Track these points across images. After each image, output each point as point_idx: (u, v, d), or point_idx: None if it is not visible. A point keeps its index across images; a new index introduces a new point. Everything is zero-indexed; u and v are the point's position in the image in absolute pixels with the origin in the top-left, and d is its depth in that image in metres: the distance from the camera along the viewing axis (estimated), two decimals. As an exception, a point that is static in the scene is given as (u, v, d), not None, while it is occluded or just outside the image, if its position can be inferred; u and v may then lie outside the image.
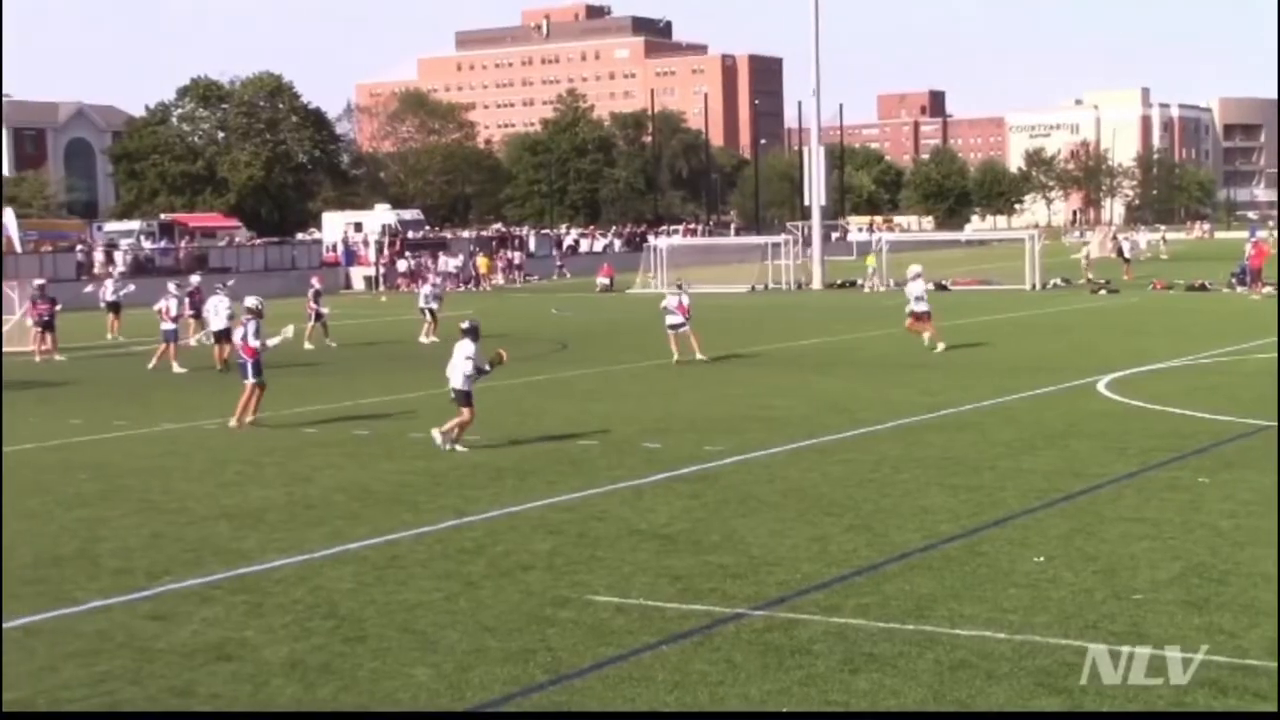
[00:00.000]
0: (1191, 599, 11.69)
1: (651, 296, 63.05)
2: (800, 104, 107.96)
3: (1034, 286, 61.17)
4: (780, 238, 73.22)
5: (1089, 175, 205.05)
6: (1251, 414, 22.05)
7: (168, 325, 35.07)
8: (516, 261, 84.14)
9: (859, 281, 65.71)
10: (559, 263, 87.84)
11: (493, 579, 12.91)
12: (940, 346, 33.21)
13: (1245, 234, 77.79)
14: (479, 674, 10.24)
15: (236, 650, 10.90)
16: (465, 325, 20.89)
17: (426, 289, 43.73)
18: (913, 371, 29.91)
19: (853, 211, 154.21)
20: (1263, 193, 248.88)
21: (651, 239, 79.15)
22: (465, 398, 20.40)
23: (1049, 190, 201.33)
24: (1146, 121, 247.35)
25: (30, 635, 11.45)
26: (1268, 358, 30.71)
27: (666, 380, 29.57)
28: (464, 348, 20.49)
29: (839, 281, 68.63)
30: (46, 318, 38.52)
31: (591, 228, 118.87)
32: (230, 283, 37.35)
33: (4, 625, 11.73)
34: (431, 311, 41.33)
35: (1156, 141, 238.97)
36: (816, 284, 68.17)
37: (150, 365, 34.58)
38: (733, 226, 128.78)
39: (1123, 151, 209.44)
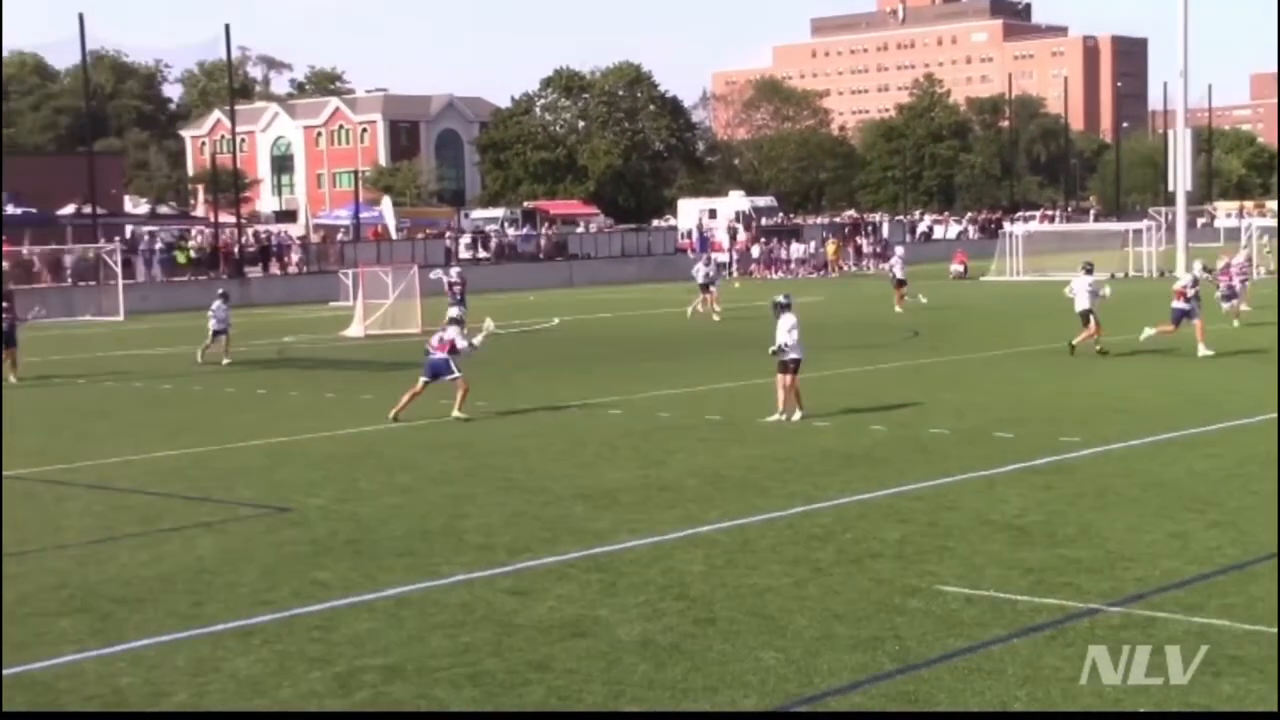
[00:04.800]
0: None
1: (1007, 285, 61.91)
2: (1166, 85, 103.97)
3: None
4: (1142, 224, 70.83)
5: None
6: None
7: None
8: (867, 249, 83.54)
9: None
10: (880, 249, 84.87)
11: (842, 566, 12.94)
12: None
13: None
14: (827, 660, 10.30)
15: (591, 627, 11.22)
16: (782, 300, 22.85)
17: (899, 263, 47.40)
18: (1285, 364, 28.52)
19: (1220, 196, 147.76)
20: None
21: (1007, 225, 77.56)
22: (794, 366, 22.22)
23: None
24: None
25: (401, 605, 12.04)
26: None
27: (1021, 369, 29.01)
28: (789, 321, 22.41)
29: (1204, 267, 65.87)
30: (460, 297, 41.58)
31: (945, 214, 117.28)
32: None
33: (376, 595, 12.39)
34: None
35: None
36: (1180, 272, 65.64)
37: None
38: (1092, 213, 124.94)
39: None
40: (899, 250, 50.20)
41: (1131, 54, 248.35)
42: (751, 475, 17.59)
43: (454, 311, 25.38)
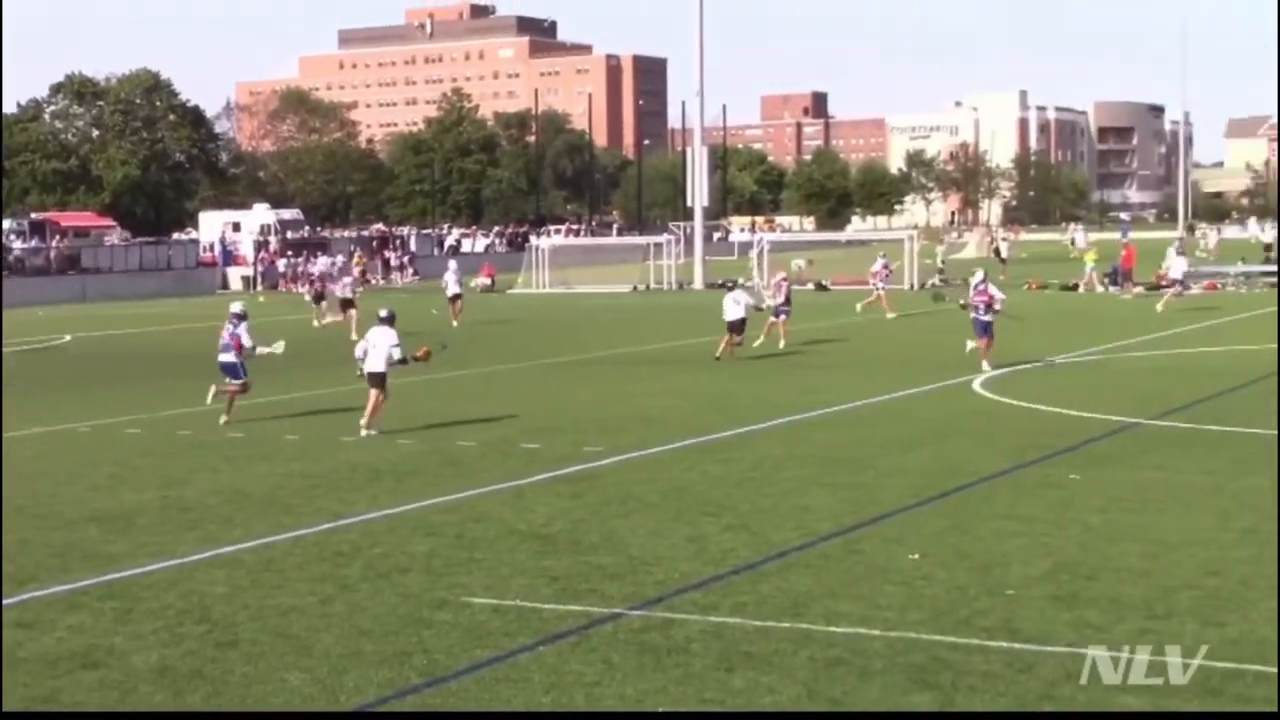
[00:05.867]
0: (1061, 594, 11.86)
1: (534, 296, 62.98)
2: (684, 104, 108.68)
3: (912, 286, 61.76)
4: (662, 238, 73.39)
5: (968, 177, 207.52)
6: (1121, 411, 22.46)
7: None
8: (395, 262, 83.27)
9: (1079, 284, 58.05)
10: (406, 263, 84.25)
11: (369, 582, 12.80)
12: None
13: (1118, 235, 79.25)
14: (354, 677, 10.14)
15: (104, 657, 10.68)
16: (383, 313, 22.27)
17: (454, 277, 46.71)
18: (795, 371, 30.10)
19: (735, 212, 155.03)
20: (1135, 194, 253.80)
21: (533, 239, 78.94)
22: (381, 380, 21.62)
23: (929, 191, 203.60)
24: (1024, 124, 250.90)
25: (-110, 644, 11.15)
26: (1138, 356, 31.34)
27: (549, 380, 29.52)
28: (389, 335, 21.77)
29: (720, 281, 68.87)
30: None
31: (474, 228, 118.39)
32: None
33: None
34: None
35: (1033, 144, 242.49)
36: (698, 284, 68.40)
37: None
38: (615, 227, 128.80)
39: (1001, 153, 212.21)
40: (453, 264, 50.24)
41: (652, 73, 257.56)
42: (277, 493, 17.20)
43: (237, 307, 24.00)
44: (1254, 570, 12.52)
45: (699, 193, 73.68)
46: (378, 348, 21.74)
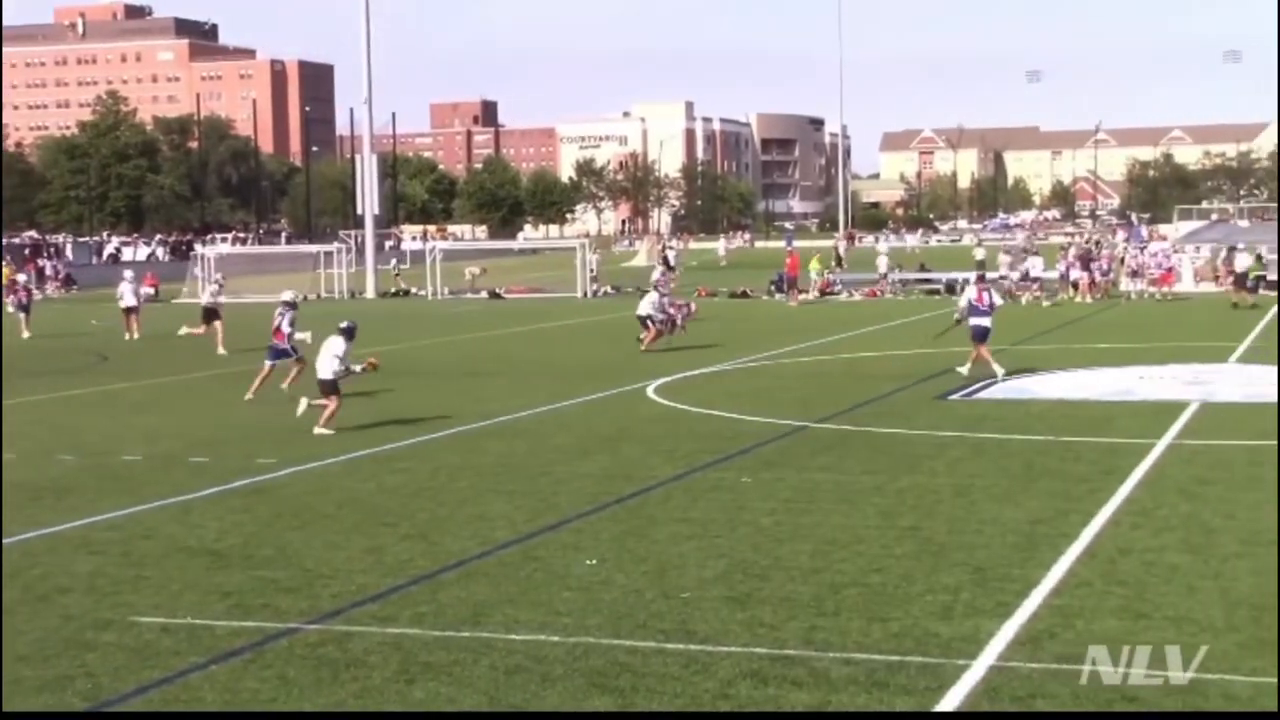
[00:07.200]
0: (735, 595, 12.12)
1: (199, 307, 61.21)
2: (352, 111, 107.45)
3: (585, 294, 62.49)
4: (333, 246, 72.44)
5: (637, 186, 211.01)
6: (789, 415, 23.13)
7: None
8: (50, 271, 79.98)
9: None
10: (57, 274, 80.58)
11: (27, 604, 12.22)
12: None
13: (783, 244, 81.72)
14: (10, 706, 9.66)
15: None
16: (343, 325, 22.73)
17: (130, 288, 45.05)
18: (470, 379, 30.05)
19: (406, 220, 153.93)
20: (798, 204, 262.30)
21: (199, 247, 76.87)
22: (329, 386, 22.26)
23: (599, 200, 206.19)
24: (690, 134, 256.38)
25: None
26: (806, 361, 32.36)
27: (217, 392, 28.75)
28: (335, 345, 22.33)
29: (392, 290, 68.39)
30: None
31: (135, 236, 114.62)
32: None
33: None
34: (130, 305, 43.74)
35: (700, 154, 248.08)
36: (370, 293, 67.78)
37: None
38: (284, 235, 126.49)
39: (669, 163, 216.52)
40: (128, 274, 47.85)
41: (319, 79, 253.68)
42: (-76, 514, 16.28)
43: (287, 295, 27.45)
44: (914, 566, 13.04)
45: (369, 201, 73.04)
46: (323, 356, 22.42)
